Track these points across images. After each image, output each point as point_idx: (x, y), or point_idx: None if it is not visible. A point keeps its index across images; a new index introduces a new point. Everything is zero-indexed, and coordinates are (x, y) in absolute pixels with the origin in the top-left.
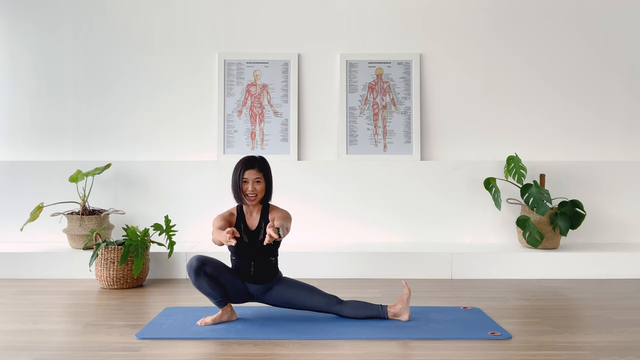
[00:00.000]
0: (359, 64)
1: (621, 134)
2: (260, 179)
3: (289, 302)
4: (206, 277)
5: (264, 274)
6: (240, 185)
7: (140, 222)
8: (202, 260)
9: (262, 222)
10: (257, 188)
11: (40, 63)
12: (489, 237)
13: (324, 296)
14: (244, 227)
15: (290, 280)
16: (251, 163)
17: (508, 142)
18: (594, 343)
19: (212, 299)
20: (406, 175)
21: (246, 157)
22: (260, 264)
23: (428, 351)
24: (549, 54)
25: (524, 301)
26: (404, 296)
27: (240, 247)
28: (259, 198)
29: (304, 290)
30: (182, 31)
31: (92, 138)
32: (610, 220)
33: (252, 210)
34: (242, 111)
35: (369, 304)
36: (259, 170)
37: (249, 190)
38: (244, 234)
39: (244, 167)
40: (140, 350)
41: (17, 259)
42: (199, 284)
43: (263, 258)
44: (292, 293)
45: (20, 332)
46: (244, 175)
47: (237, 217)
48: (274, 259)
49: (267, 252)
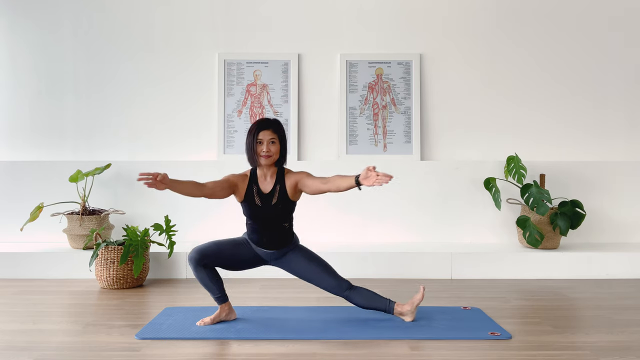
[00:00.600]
0: (359, 64)
1: (621, 134)
2: (275, 139)
3: (299, 275)
4: (206, 269)
5: (276, 240)
6: (254, 146)
7: (140, 222)
8: (199, 252)
9: (277, 186)
10: (271, 149)
11: (40, 62)
12: (489, 237)
13: (335, 278)
14: (257, 190)
15: (306, 252)
16: (266, 124)
17: (508, 142)
18: (594, 343)
19: (211, 294)
20: (406, 175)
21: (260, 119)
22: (272, 230)
23: (428, 351)
24: (550, 54)
25: (524, 301)
26: (415, 300)
27: (252, 209)
28: (274, 159)
29: (317, 267)
30: (182, 31)
31: (92, 138)
32: (610, 220)
33: (267, 174)
34: (242, 111)
35: (378, 296)
36: (273, 131)
37: (263, 150)
38: (256, 196)
39: (259, 127)
40: (140, 350)
41: (17, 259)
42: (199, 277)
43: (275, 223)
44: (304, 266)
45: (20, 332)
46: (259, 136)
47: (249, 180)
48: (287, 225)
49: (279, 217)
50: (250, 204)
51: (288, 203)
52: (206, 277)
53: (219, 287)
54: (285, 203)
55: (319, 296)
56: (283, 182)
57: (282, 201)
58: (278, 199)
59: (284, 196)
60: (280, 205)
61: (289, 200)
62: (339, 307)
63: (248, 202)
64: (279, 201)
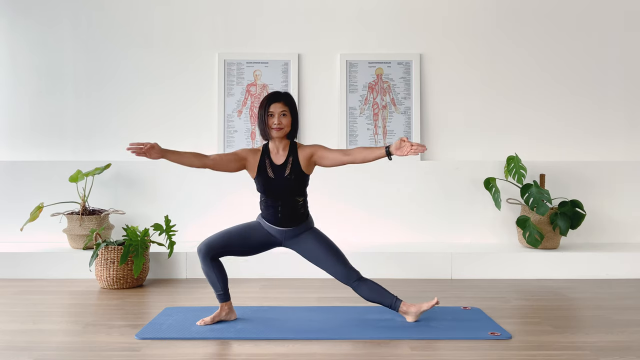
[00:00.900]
0: (359, 64)
1: (621, 134)
2: (286, 112)
3: (310, 259)
4: (213, 263)
5: (291, 216)
6: (266, 119)
7: (140, 222)
8: (208, 244)
9: (290, 157)
10: (283, 121)
11: (40, 62)
12: (489, 237)
13: (346, 267)
14: (269, 162)
15: (321, 236)
16: (277, 96)
17: (508, 142)
18: (594, 343)
19: (214, 290)
20: (406, 175)
21: (272, 92)
22: (287, 204)
23: (428, 351)
24: (550, 54)
25: (524, 301)
26: (423, 306)
27: (265, 182)
28: (285, 132)
29: (330, 253)
30: (183, 31)
31: (92, 138)
32: (610, 220)
33: (279, 147)
34: (242, 111)
35: (385, 291)
36: (285, 103)
37: (274, 123)
38: (269, 168)
39: (270, 100)
40: (140, 350)
41: (17, 259)
42: (206, 271)
43: (289, 197)
44: (316, 251)
45: (20, 332)
46: (270, 109)
47: (262, 153)
48: (302, 200)
49: (293, 190)
50: (263, 177)
51: (301, 175)
52: (212, 273)
53: (223, 284)
54: (299, 175)
55: (319, 296)
56: (296, 154)
57: (295, 172)
58: (291, 171)
59: (297, 168)
60: (294, 176)
61: (302, 173)
62: (339, 307)
63: (261, 175)
64: (292, 172)
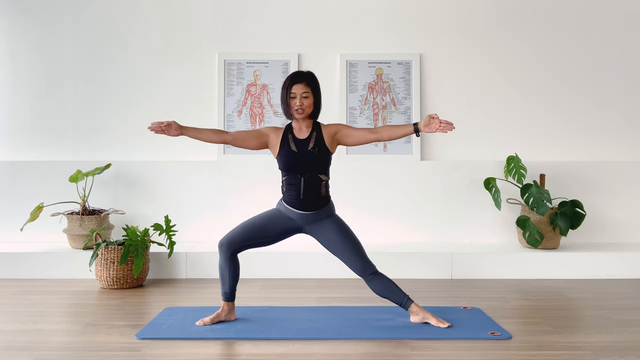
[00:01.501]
0: (359, 64)
1: (621, 134)
2: (307, 93)
3: (328, 247)
4: (233, 261)
5: (313, 197)
6: (288, 100)
7: (140, 222)
8: (230, 241)
9: (313, 133)
10: (304, 103)
11: (40, 62)
12: (489, 237)
13: (363, 260)
14: (292, 137)
15: (342, 225)
16: (299, 77)
17: (508, 142)
18: (594, 343)
19: (222, 286)
20: (406, 175)
21: (294, 72)
22: (310, 182)
23: (428, 351)
24: (550, 54)
25: (524, 301)
26: (433, 320)
27: (288, 156)
28: (307, 113)
29: (349, 244)
30: (183, 31)
31: (92, 138)
32: (610, 220)
33: (302, 125)
34: (242, 111)
35: (398, 290)
36: (307, 84)
37: (296, 104)
38: (292, 142)
39: (292, 81)
40: (140, 350)
41: (17, 259)
42: (222, 266)
43: (312, 173)
44: (336, 240)
45: (20, 332)
46: (292, 90)
47: (285, 130)
48: (324, 179)
49: (316, 166)
50: (286, 150)
51: (325, 151)
52: (227, 269)
53: (232, 283)
54: (322, 150)
55: (319, 296)
56: (320, 130)
57: (319, 147)
58: (315, 144)
59: (321, 143)
60: (317, 149)
61: (326, 148)
62: (339, 307)
63: (283, 150)
64: (316, 146)
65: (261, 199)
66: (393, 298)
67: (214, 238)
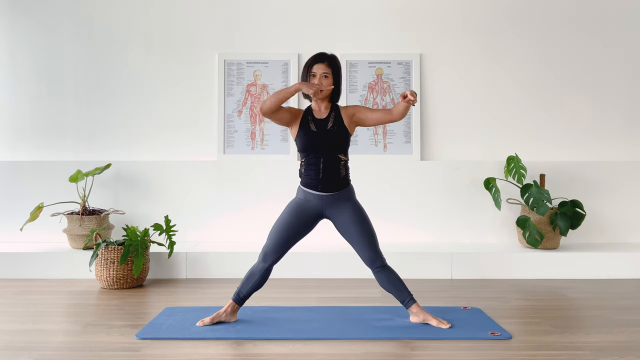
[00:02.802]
0: (359, 64)
1: (621, 134)
2: (328, 74)
3: (343, 232)
4: (269, 269)
5: (332, 177)
6: (308, 79)
7: (140, 222)
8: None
9: (332, 113)
10: (323, 82)
11: (41, 62)
12: (489, 237)
13: (374, 251)
14: (311, 118)
15: (360, 212)
16: (321, 57)
17: (508, 142)
18: (594, 343)
19: (239, 288)
20: (406, 175)
21: (317, 52)
22: (329, 162)
23: (428, 351)
24: (550, 54)
25: (524, 301)
26: (434, 322)
27: (307, 135)
28: (325, 94)
29: (364, 233)
30: (183, 31)
31: (92, 138)
32: (610, 220)
33: (321, 106)
34: (242, 111)
35: (403, 287)
36: (328, 65)
37: (315, 84)
38: (311, 123)
39: (314, 60)
40: (140, 350)
41: (17, 259)
42: (253, 272)
43: (331, 153)
44: (352, 226)
45: (20, 332)
46: (312, 69)
47: (304, 112)
48: (344, 159)
49: (335, 146)
50: (305, 130)
51: (344, 130)
52: (257, 277)
53: (252, 290)
54: (341, 129)
55: (319, 296)
56: (339, 111)
57: (338, 126)
58: (333, 124)
59: (340, 122)
60: (336, 128)
61: (345, 128)
62: (339, 307)
63: (303, 129)
64: (335, 125)
65: (261, 198)
66: (397, 294)
67: (214, 238)
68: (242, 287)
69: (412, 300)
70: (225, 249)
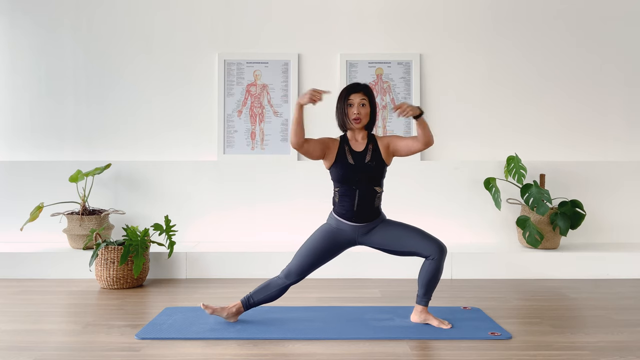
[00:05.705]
0: (359, 64)
1: (621, 134)
2: (365, 102)
3: (390, 244)
4: (288, 287)
5: (367, 209)
6: (345, 109)
7: (140, 222)
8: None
9: (370, 145)
10: (362, 111)
11: (41, 62)
12: (489, 237)
13: (429, 240)
14: (349, 149)
15: (395, 222)
16: (357, 87)
17: (508, 142)
18: (594, 343)
19: (254, 293)
20: (406, 175)
21: (351, 83)
22: (364, 194)
23: (428, 351)
24: (550, 54)
25: (524, 301)
26: (435, 322)
27: (344, 168)
28: (364, 122)
29: (412, 231)
30: (182, 31)
31: (92, 138)
32: (610, 220)
33: (357, 136)
34: (242, 111)
35: (431, 287)
36: (364, 94)
37: (354, 112)
38: (349, 155)
39: (350, 91)
40: (141, 350)
41: (17, 259)
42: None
43: (368, 185)
44: (394, 233)
45: (20, 332)
46: (350, 98)
47: (340, 142)
48: (379, 190)
49: (372, 178)
50: (343, 164)
51: (382, 163)
52: (275, 291)
53: (263, 300)
54: (379, 162)
55: (319, 296)
56: (376, 143)
57: (376, 159)
58: (372, 157)
59: (378, 156)
60: (374, 162)
61: (382, 161)
62: (339, 307)
63: (340, 162)
64: (373, 159)
65: (261, 199)
66: (422, 288)
67: (214, 238)
68: (255, 294)
69: (426, 300)
70: (225, 249)
